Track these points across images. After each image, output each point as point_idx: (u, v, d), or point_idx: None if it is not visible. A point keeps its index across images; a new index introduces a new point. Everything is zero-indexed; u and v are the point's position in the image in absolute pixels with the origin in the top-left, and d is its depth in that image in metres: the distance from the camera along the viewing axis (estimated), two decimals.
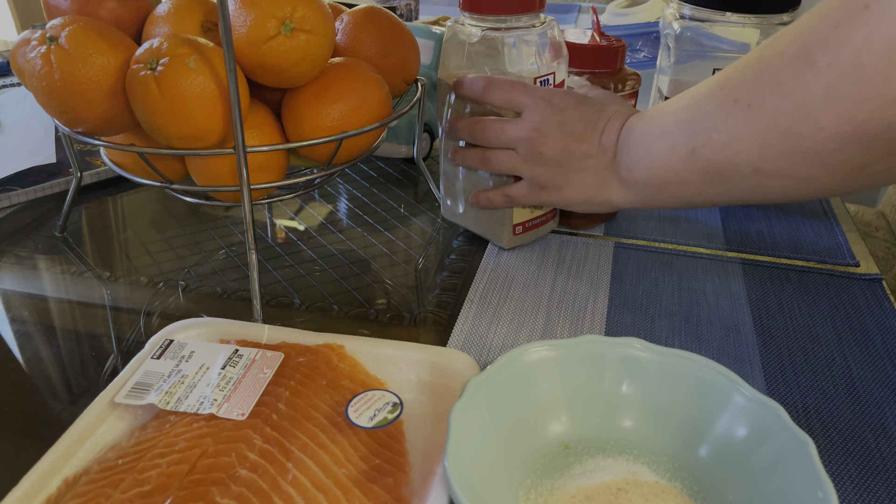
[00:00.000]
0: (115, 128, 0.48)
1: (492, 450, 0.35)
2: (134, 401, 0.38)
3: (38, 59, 0.44)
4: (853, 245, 0.58)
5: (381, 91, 0.51)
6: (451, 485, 0.30)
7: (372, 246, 0.58)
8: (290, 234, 0.60)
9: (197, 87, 0.43)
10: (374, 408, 0.39)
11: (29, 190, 0.64)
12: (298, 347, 0.42)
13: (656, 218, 0.62)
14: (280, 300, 0.51)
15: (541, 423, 0.38)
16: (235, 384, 0.39)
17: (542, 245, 0.58)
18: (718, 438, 0.36)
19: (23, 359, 0.46)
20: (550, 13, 1.52)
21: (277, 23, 0.44)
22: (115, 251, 0.58)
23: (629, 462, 0.37)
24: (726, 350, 0.46)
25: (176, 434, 0.36)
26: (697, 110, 0.41)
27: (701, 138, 0.40)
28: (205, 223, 0.62)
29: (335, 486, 0.34)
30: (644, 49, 0.88)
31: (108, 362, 0.45)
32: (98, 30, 0.45)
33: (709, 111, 0.40)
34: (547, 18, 0.51)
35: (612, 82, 0.53)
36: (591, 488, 0.35)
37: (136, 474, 0.34)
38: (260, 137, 0.48)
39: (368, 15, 0.55)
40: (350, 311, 0.50)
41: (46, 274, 0.55)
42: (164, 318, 0.49)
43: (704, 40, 0.61)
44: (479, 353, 0.46)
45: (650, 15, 1.03)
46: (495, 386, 0.37)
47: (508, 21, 0.49)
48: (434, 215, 0.63)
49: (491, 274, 0.54)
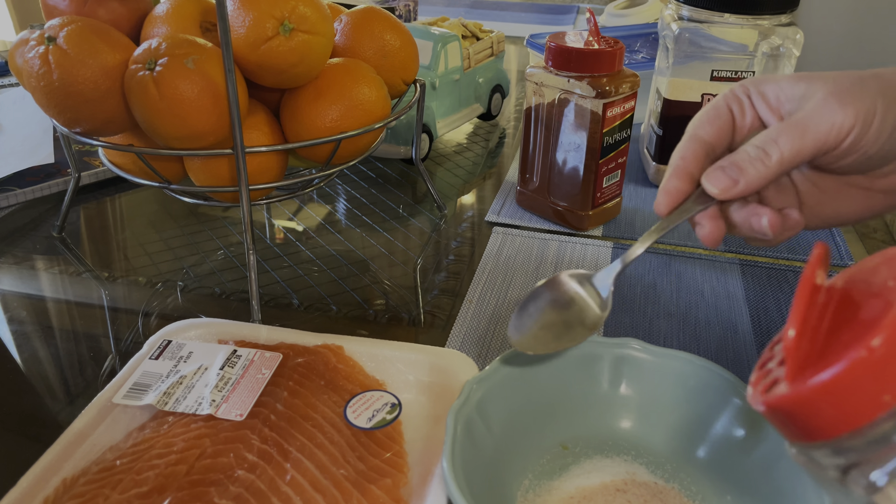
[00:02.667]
0: (113, 128, 0.47)
1: (490, 450, 0.35)
2: (132, 401, 0.38)
3: (36, 60, 0.44)
4: (851, 246, 0.58)
5: (380, 92, 0.51)
6: (449, 485, 0.30)
7: (371, 247, 0.58)
8: (288, 235, 0.60)
9: (195, 87, 0.43)
10: (373, 408, 0.39)
11: (27, 190, 0.64)
12: (297, 348, 0.42)
13: (654, 219, 0.62)
14: (278, 301, 0.51)
15: (539, 424, 0.38)
16: (234, 385, 0.39)
17: (540, 246, 0.58)
18: (716, 439, 0.36)
19: (21, 359, 0.45)
20: (549, 14, 1.51)
21: (276, 23, 0.44)
22: (113, 251, 0.58)
23: (627, 463, 0.37)
24: (724, 350, 0.46)
25: (174, 435, 0.36)
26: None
27: None
28: (203, 224, 0.62)
29: (333, 487, 0.34)
30: (643, 50, 0.88)
31: (106, 363, 0.45)
32: (96, 30, 0.45)
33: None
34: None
35: (612, 84, 0.53)
36: (590, 489, 0.35)
37: (135, 475, 0.34)
38: (259, 138, 0.48)
39: (367, 15, 0.55)
40: (349, 312, 0.50)
41: (44, 274, 0.55)
42: (162, 319, 0.49)
43: (703, 41, 0.61)
44: (477, 354, 0.46)
45: (649, 16, 1.03)
46: (494, 386, 0.37)
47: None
48: (432, 216, 0.63)
49: (489, 274, 0.54)
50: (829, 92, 0.32)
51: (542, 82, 0.56)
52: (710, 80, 0.62)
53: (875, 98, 0.32)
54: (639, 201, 0.65)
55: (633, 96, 0.56)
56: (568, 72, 0.54)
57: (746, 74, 0.61)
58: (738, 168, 0.32)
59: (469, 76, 0.78)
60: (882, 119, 0.32)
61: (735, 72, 0.61)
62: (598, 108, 0.54)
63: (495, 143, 0.80)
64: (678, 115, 0.63)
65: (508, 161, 0.75)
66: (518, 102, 0.93)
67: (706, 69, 0.61)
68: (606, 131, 0.55)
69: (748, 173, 0.32)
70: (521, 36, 1.14)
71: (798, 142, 0.32)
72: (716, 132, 0.34)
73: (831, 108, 0.32)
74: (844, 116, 0.32)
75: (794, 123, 0.32)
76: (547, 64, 0.56)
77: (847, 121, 0.32)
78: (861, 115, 0.32)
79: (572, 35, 0.57)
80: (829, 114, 0.32)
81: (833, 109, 0.32)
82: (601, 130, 0.54)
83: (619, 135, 0.56)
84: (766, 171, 0.32)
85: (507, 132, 0.84)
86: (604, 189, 0.58)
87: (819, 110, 0.32)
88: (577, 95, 0.54)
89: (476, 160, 0.75)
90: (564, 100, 0.55)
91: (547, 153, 0.58)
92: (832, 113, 0.32)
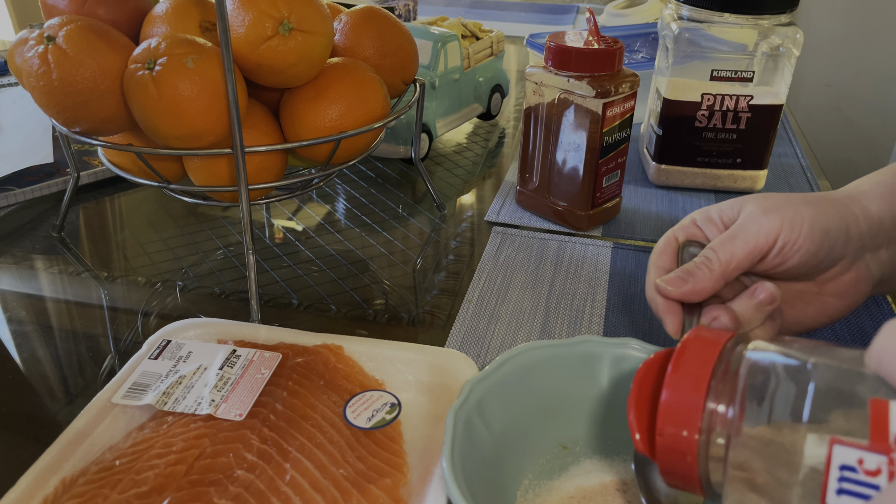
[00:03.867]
0: (112, 128, 0.47)
1: (489, 450, 0.35)
2: (131, 401, 0.38)
3: (35, 59, 0.44)
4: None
5: (380, 91, 0.51)
6: (448, 485, 0.30)
7: (370, 246, 0.58)
8: (288, 235, 0.60)
9: (195, 87, 0.43)
10: (373, 408, 0.39)
11: (26, 190, 0.64)
12: (296, 348, 0.42)
13: (654, 219, 0.62)
14: (278, 300, 0.51)
15: (539, 424, 0.38)
16: (233, 385, 0.39)
17: (540, 245, 0.58)
18: None
19: (20, 359, 0.45)
20: (549, 14, 1.51)
21: (275, 23, 0.44)
22: (112, 251, 0.58)
23: (627, 462, 0.37)
24: None
25: (173, 435, 0.36)
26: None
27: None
28: (203, 223, 0.62)
29: (333, 487, 0.34)
30: (642, 50, 0.88)
31: (105, 362, 0.45)
32: (96, 30, 0.45)
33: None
34: None
35: (611, 84, 0.53)
36: (589, 489, 0.35)
37: (134, 475, 0.34)
38: (258, 137, 0.48)
39: (367, 15, 0.55)
40: (348, 312, 0.50)
41: (44, 274, 0.54)
42: (161, 319, 0.49)
43: (703, 41, 0.61)
44: (477, 354, 0.45)
45: (648, 16, 1.03)
46: (493, 386, 0.37)
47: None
48: (432, 216, 0.63)
49: (489, 274, 0.54)
50: (757, 205, 0.38)
51: (542, 82, 0.56)
52: (709, 79, 0.62)
53: (800, 207, 0.37)
54: (638, 201, 0.65)
55: (632, 96, 0.56)
56: (568, 71, 0.54)
57: (746, 74, 0.61)
58: (688, 272, 0.37)
59: (469, 76, 0.78)
60: (812, 224, 0.37)
61: (735, 71, 0.61)
62: (597, 108, 0.54)
63: (495, 143, 0.80)
64: (678, 115, 0.63)
65: (508, 161, 0.75)
66: (518, 102, 0.93)
67: (706, 69, 0.61)
68: (606, 131, 0.55)
69: (696, 276, 0.37)
70: (520, 36, 1.14)
71: (730, 247, 0.37)
72: (670, 259, 0.40)
73: (757, 217, 0.38)
74: (770, 222, 0.37)
75: (728, 234, 0.38)
76: (547, 64, 0.56)
77: (773, 225, 0.37)
78: (787, 221, 0.37)
79: (572, 35, 0.57)
80: (755, 222, 0.38)
81: (758, 218, 0.38)
82: (601, 130, 0.54)
83: (619, 134, 0.56)
84: (710, 274, 0.37)
85: (507, 132, 0.84)
86: (603, 189, 0.58)
87: (748, 220, 0.38)
88: (577, 95, 0.54)
89: (476, 160, 0.75)
90: (564, 99, 0.55)
91: (547, 153, 0.58)
92: (758, 221, 0.37)
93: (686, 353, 0.29)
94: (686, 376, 0.28)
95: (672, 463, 0.29)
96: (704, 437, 0.27)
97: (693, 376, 0.28)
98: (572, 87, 0.54)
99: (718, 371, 0.28)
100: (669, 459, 0.28)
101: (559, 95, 0.55)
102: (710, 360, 0.28)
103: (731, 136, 0.64)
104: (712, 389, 0.28)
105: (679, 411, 0.28)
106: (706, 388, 0.28)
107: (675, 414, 0.28)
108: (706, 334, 0.30)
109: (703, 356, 0.29)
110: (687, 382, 0.28)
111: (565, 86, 0.55)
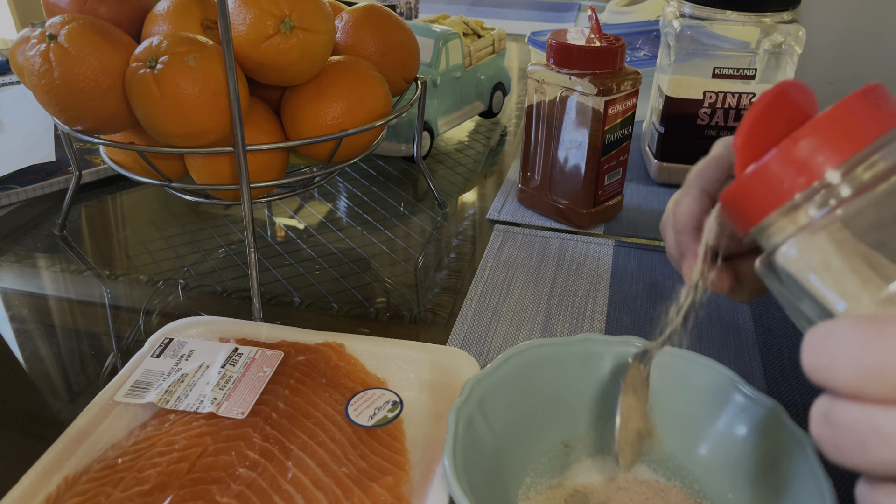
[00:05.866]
0: (114, 126, 0.47)
1: (491, 448, 0.35)
2: (133, 399, 0.38)
3: (37, 58, 0.44)
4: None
5: (381, 89, 0.51)
6: (450, 483, 0.30)
7: (372, 244, 0.58)
8: (289, 233, 0.60)
9: (196, 85, 0.43)
10: (374, 406, 0.39)
11: (28, 188, 0.64)
12: (298, 346, 0.42)
13: (656, 217, 0.62)
14: (280, 299, 0.51)
15: (540, 422, 0.38)
16: (235, 383, 0.39)
17: (542, 243, 0.58)
18: (718, 437, 0.36)
19: (22, 357, 0.46)
20: (550, 11, 1.51)
21: (277, 21, 0.44)
22: (114, 250, 0.58)
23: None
24: (726, 349, 0.46)
25: (176, 433, 0.36)
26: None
27: None
28: (204, 222, 0.62)
29: (335, 485, 0.34)
30: (644, 47, 0.88)
31: (107, 361, 0.45)
32: (97, 28, 0.45)
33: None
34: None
35: (613, 82, 0.53)
36: (591, 487, 0.35)
37: (136, 473, 0.34)
38: (259, 136, 0.48)
39: (368, 13, 0.55)
40: (350, 310, 0.50)
41: (46, 272, 0.55)
42: (163, 317, 0.49)
43: (705, 38, 0.61)
44: (479, 352, 0.45)
45: (650, 13, 1.03)
46: (495, 384, 0.37)
47: None
48: (433, 214, 0.63)
49: (491, 272, 0.54)
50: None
51: (544, 80, 0.56)
52: (711, 77, 0.61)
53: None
54: (640, 199, 0.65)
55: (634, 94, 0.56)
56: (569, 69, 0.54)
57: (748, 72, 0.61)
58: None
59: (470, 74, 0.77)
60: None
61: (737, 69, 0.61)
62: (599, 106, 0.54)
63: (496, 141, 0.80)
64: (680, 113, 0.63)
65: (510, 159, 0.75)
66: (519, 100, 0.93)
67: (708, 66, 0.61)
68: (608, 129, 0.55)
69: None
70: (522, 33, 1.14)
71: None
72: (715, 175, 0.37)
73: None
74: None
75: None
76: (548, 61, 0.56)
77: None
78: None
79: (574, 32, 0.57)
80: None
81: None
82: (602, 128, 0.54)
83: (621, 132, 0.56)
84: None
85: (509, 130, 0.83)
86: (605, 187, 0.58)
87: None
88: (579, 93, 0.54)
89: (477, 158, 0.75)
90: (566, 97, 0.55)
91: (548, 151, 0.58)
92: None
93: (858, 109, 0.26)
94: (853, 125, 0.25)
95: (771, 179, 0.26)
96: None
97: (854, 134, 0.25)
98: (574, 84, 0.54)
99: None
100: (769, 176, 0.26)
101: (561, 93, 0.55)
102: (875, 133, 0.25)
103: (733, 133, 0.63)
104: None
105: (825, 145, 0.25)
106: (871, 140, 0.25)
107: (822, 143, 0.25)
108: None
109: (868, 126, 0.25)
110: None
111: (567, 83, 0.54)
